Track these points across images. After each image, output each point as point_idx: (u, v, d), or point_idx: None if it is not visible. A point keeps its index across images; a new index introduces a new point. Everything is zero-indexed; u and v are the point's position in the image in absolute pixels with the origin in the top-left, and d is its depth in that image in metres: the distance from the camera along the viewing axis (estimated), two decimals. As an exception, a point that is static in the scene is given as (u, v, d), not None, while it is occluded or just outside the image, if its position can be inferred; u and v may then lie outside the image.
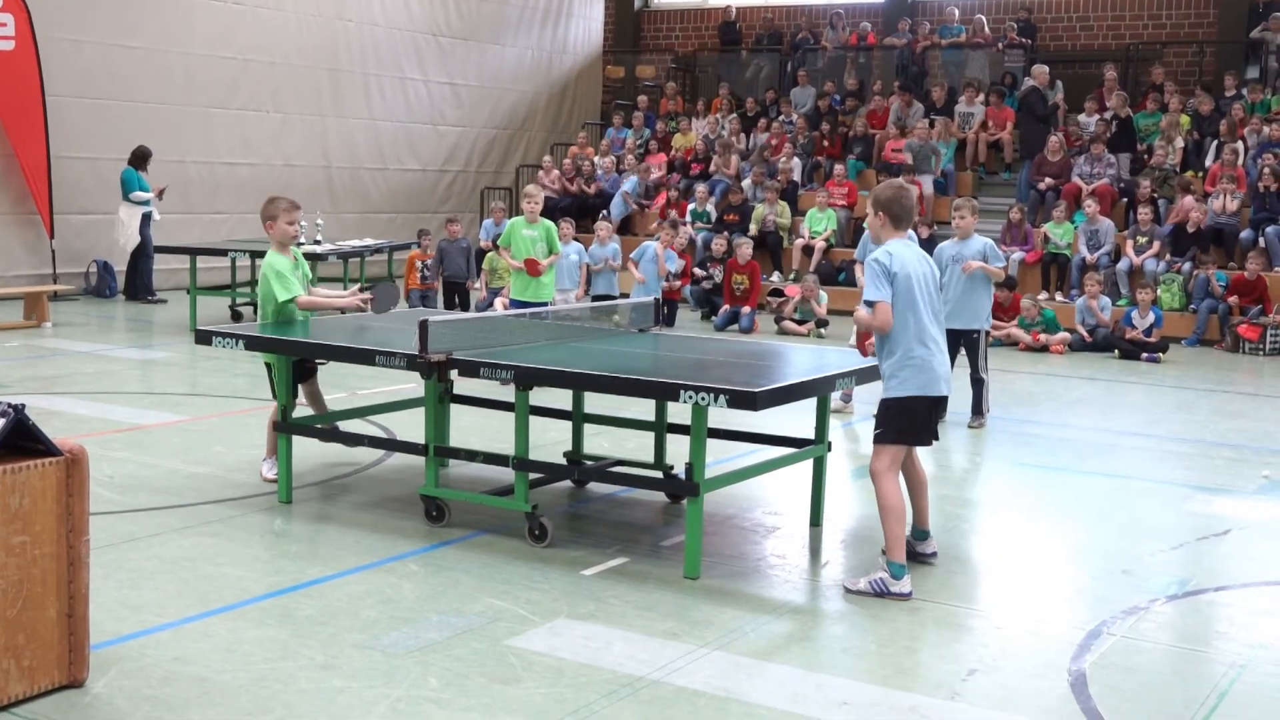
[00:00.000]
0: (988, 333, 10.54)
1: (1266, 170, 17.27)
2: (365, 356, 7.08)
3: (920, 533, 6.58)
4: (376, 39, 21.53)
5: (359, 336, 7.69)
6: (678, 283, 16.71)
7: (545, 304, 11.57)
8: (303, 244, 14.89)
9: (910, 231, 6.68)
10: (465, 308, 15.99)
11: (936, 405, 6.21)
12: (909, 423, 6.11)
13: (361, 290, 8.13)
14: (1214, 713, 4.80)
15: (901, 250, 6.11)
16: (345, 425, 8.17)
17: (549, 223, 11.89)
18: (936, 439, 6.35)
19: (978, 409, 10.35)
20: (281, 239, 7.80)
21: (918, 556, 6.50)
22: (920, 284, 6.07)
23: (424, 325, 6.60)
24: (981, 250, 10.27)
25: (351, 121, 21.23)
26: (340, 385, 10.30)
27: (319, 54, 20.51)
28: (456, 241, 16.54)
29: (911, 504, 6.43)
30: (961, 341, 10.06)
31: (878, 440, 6.15)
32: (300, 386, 7.72)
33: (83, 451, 4.63)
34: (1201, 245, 17.01)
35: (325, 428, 7.74)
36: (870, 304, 6.02)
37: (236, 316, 15.19)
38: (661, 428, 7.63)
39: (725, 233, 18.48)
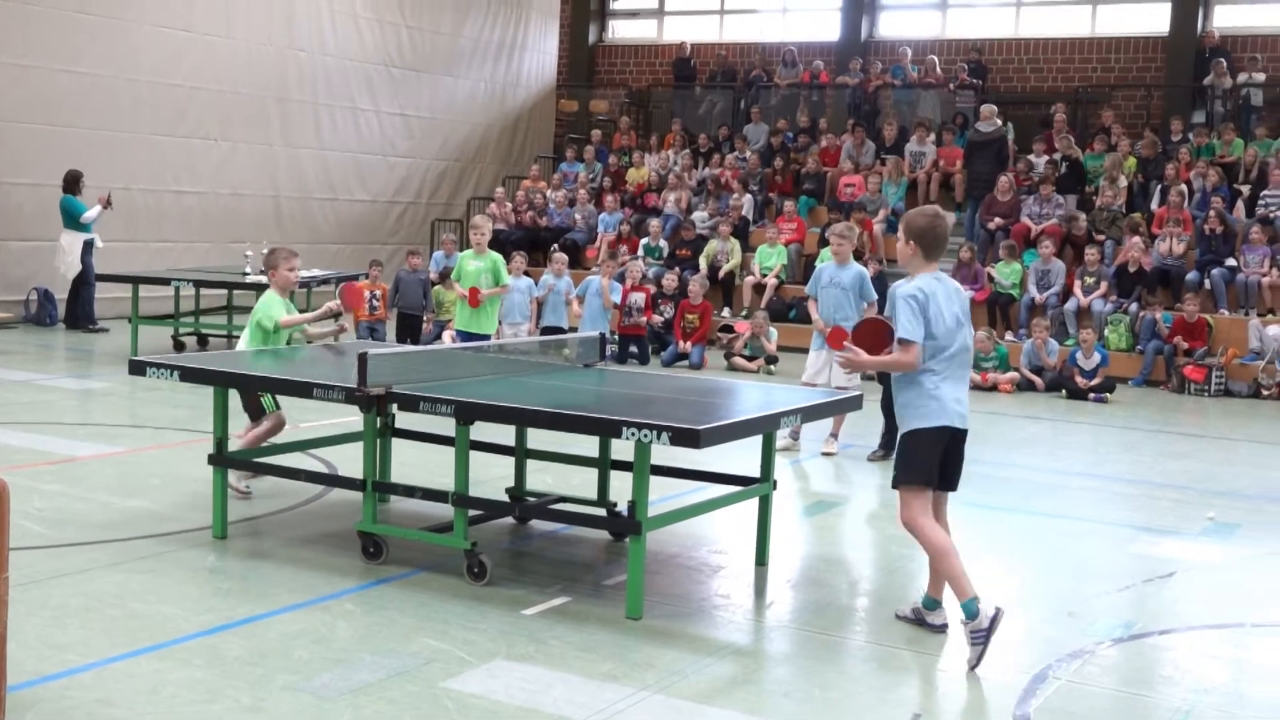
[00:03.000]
0: None
1: (1212, 213, 17.45)
2: (303, 389, 6.96)
3: (930, 601, 6.13)
4: (328, 68, 21.40)
5: (297, 369, 7.55)
6: (642, 318, 16.58)
7: (487, 336, 11.51)
8: (247, 274, 14.76)
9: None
10: (416, 340, 15.86)
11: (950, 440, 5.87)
12: (926, 460, 5.80)
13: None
14: (1159, 760, 4.74)
15: (933, 286, 5.90)
16: (283, 459, 8.02)
17: (496, 255, 11.89)
18: (951, 487, 6.03)
19: (889, 446, 10.20)
20: (283, 285, 8.42)
21: (926, 625, 6.10)
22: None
23: (363, 358, 6.48)
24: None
25: (301, 151, 21.06)
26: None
27: (268, 82, 20.34)
28: (415, 273, 16.41)
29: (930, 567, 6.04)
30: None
31: (895, 485, 5.91)
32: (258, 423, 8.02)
33: (3, 485, 4.47)
34: (1148, 286, 17.14)
35: (262, 461, 7.59)
36: (905, 341, 5.77)
37: (179, 347, 14.97)
38: (605, 464, 7.53)
39: (677, 268, 18.44)
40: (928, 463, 5.81)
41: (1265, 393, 15.42)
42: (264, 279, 14.15)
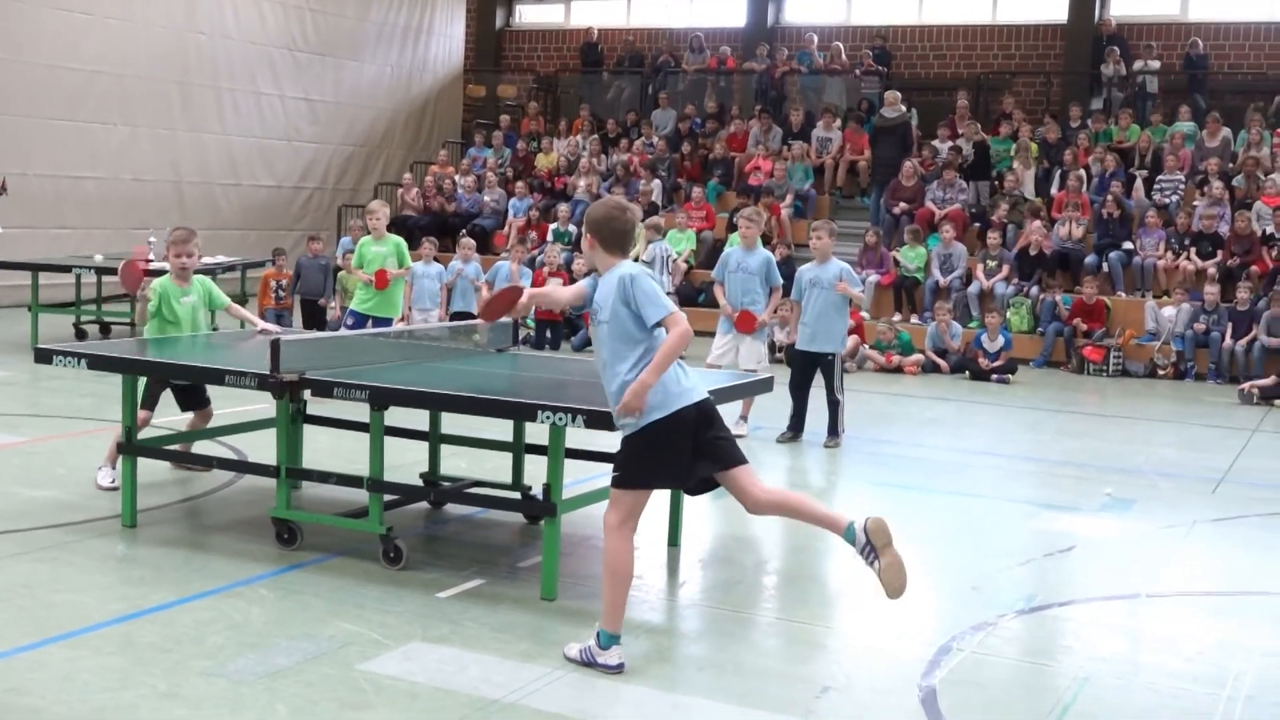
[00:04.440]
0: (842, 356, 10.72)
1: (1109, 198, 17.87)
2: (215, 376, 6.94)
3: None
4: (229, 51, 21.10)
5: (209, 356, 7.50)
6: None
7: (389, 320, 11.44)
8: (150, 261, 14.53)
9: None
10: (321, 327, 15.73)
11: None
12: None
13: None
14: (1059, 725, 4.91)
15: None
16: (195, 446, 7.96)
17: (397, 238, 11.86)
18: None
19: (833, 429, 10.49)
20: (174, 272, 8.32)
21: None
22: None
23: (275, 345, 6.46)
24: (839, 273, 10.46)
25: (204, 135, 20.76)
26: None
27: (169, 66, 20.01)
28: (317, 259, 16.27)
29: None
30: (818, 364, 10.34)
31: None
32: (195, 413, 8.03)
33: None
34: (1048, 270, 17.53)
35: (172, 449, 7.54)
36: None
37: (81, 335, 14.73)
38: (520, 448, 7.58)
39: (581, 257, 18.47)
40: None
41: (1161, 372, 15.85)
42: (166, 265, 14.05)
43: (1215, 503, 9.05)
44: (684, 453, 5.24)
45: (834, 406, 10.46)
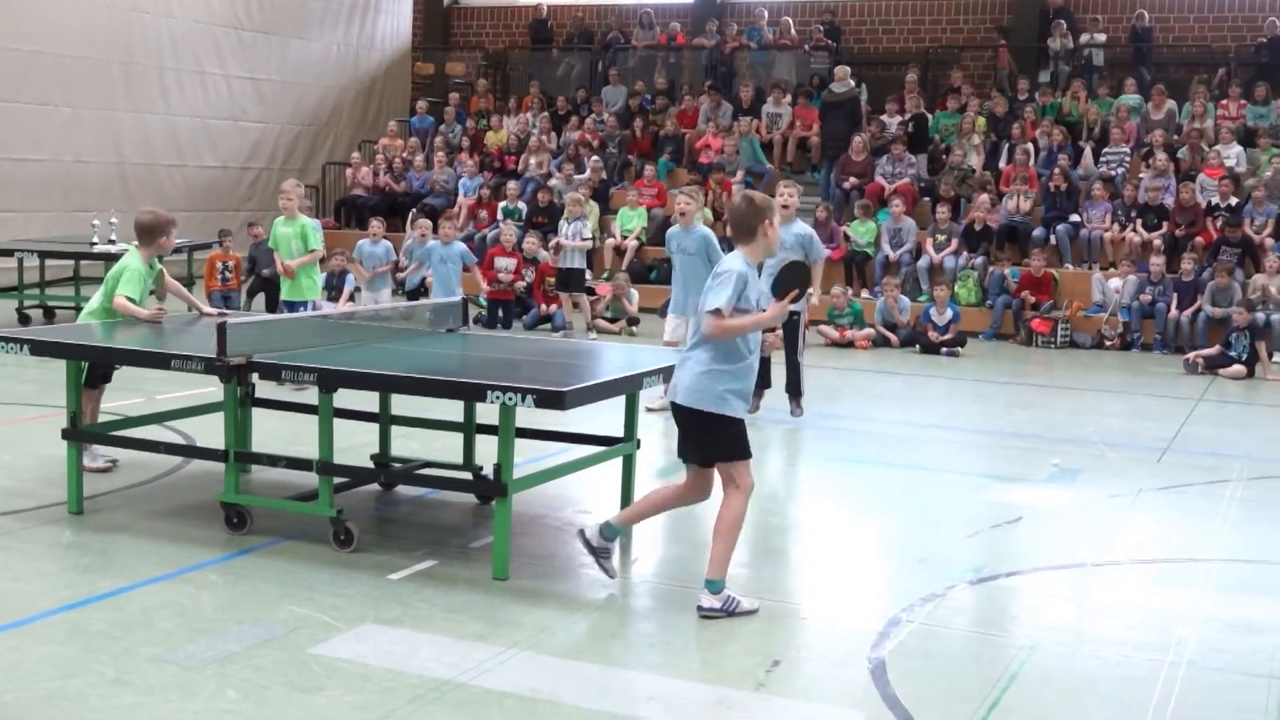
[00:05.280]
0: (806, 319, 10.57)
1: (1056, 171, 18.00)
2: (161, 360, 6.89)
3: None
4: (173, 31, 20.82)
5: (155, 340, 7.43)
6: (511, 282, 16.49)
7: (308, 304, 11.28)
8: (95, 244, 14.40)
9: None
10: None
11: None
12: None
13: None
14: (1005, 693, 4.97)
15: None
16: (141, 431, 7.89)
17: (306, 220, 11.53)
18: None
19: (795, 391, 10.40)
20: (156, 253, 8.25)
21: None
22: None
23: (222, 327, 6.41)
24: (800, 239, 10.03)
25: (147, 116, 20.49)
26: (137, 389, 9.96)
27: (111, 46, 19.71)
28: (262, 243, 16.13)
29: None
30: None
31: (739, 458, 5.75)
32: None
33: None
34: (996, 243, 17.65)
35: (119, 435, 7.47)
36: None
37: (24, 320, 14.55)
38: (470, 429, 7.57)
39: (539, 232, 18.36)
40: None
41: (1108, 343, 16.02)
42: (112, 248, 13.93)
43: (1160, 472, 9.17)
44: None
45: (794, 370, 10.41)
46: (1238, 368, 14.13)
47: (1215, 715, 4.92)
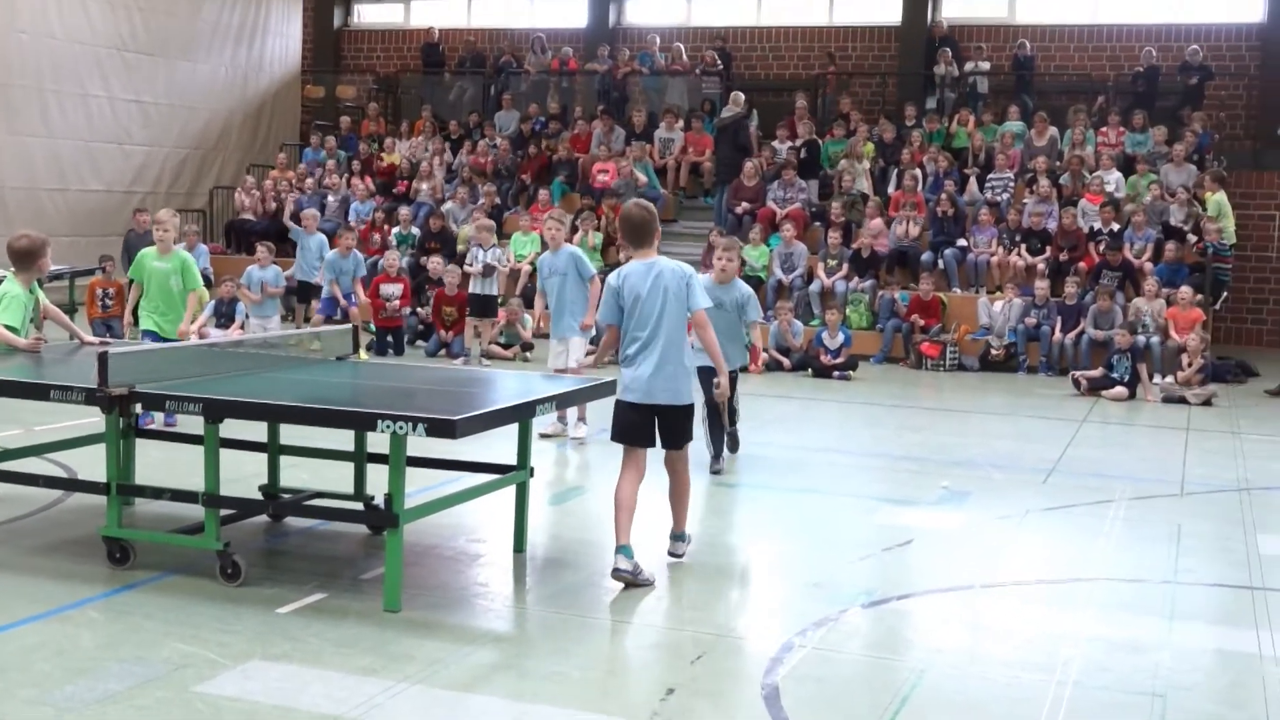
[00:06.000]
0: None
1: (943, 196, 18.34)
2: (39, 391, 6.70)
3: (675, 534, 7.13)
4: (55, 52, 20.38)
5: (34, 370, 7.24)
6: (398, 310, 16.35)
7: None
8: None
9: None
10: None
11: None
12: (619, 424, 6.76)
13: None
14: (897, 716, 5.01)
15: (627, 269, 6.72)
16: (20, 464, 7.67)
17: (185, 255, 10.27)
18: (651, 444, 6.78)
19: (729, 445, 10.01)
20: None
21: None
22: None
23: (103, 357, 6.26)
24: (739, 301, 9.55)
25: (27, 139, 20.02)
26: (14, 420, 9.68)
27: (-10, 67, 19.27)
28: (147, 233, 15.87)
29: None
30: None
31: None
32: None
33: None
34: (886, 267, 17.92)
35: (-4, 468, 7.25)
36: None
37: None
38: (361, 458, 7.46)
39: (435, 258, 18.19)
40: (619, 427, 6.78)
41: (994, 353, 16.32)
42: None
43: (1046, 492, 9.34)
44: None
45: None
46: (1120, 389, 14.48)
47: (1101, 734, 5.01)
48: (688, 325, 6.76)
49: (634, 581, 6.51)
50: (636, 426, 6.68)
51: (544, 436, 10.32)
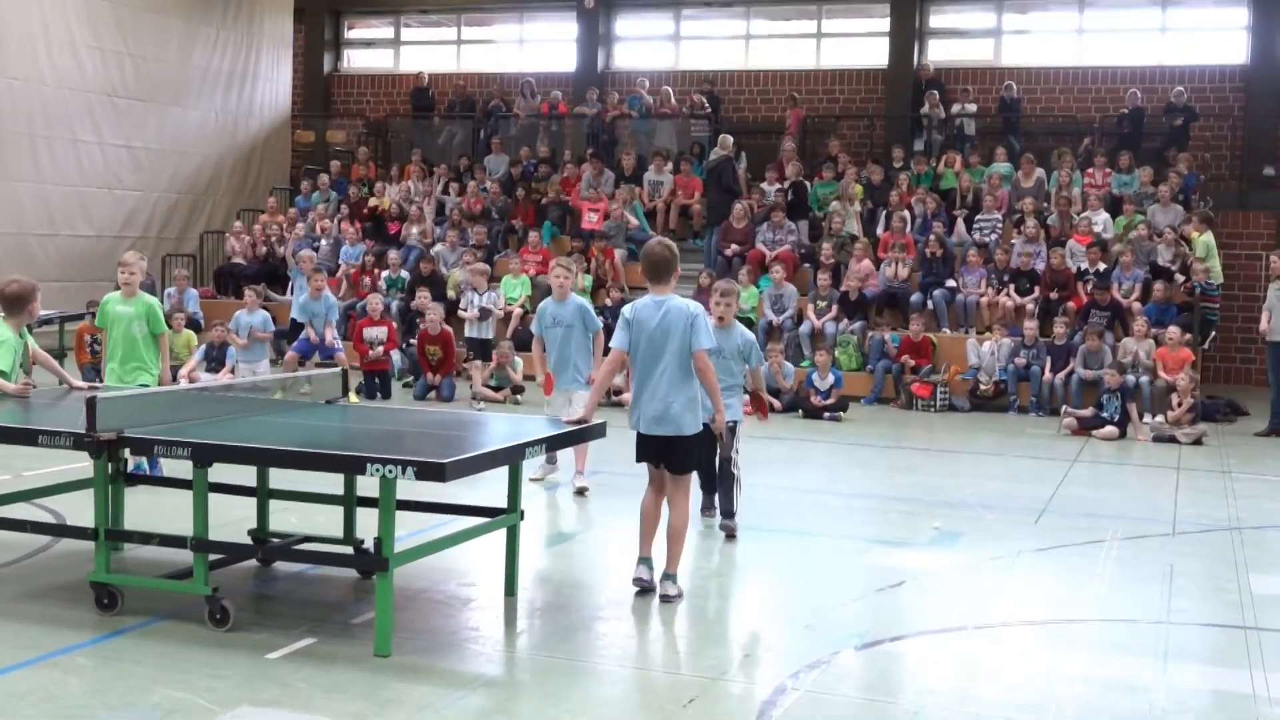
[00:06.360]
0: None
1: (932, 238, 18.42)
2: (27, 436, 6.67)
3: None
4: (45, 98, 20.43)
5: (22, 415, 7.21)
6: (380, 349, 16.33)
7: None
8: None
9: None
10: None
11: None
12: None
13: None
14: (892, 761, 4.98)
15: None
16: (8, 510, 7.62)
17: (151, 299, 9.70)
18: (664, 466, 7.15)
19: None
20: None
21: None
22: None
23: (91, 402, 6.24)
24: (742, 346, 9.17)
25: (17, 184, 20.03)
26: (3, 465, 9.64)
27: (-20, 113, 19.30)
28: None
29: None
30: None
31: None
32: None
33: None
34: (876, 308, 17.96)
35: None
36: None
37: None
38: (351, 502, 7.44)
39: (423, 292, 18.19)
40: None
41: (983, 387, 16.36)
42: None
43: (1038, 533, 9.33)
44: None
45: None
46: (1110, 429, 14.49)
47: (1096, 776, 4.98)
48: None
49: (649, 587, 7.06)
50: (648, 451, 7.18)
51: (533, 480, 10.25)
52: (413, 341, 17.17)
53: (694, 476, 7.52)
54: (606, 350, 7.96)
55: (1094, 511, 10.23)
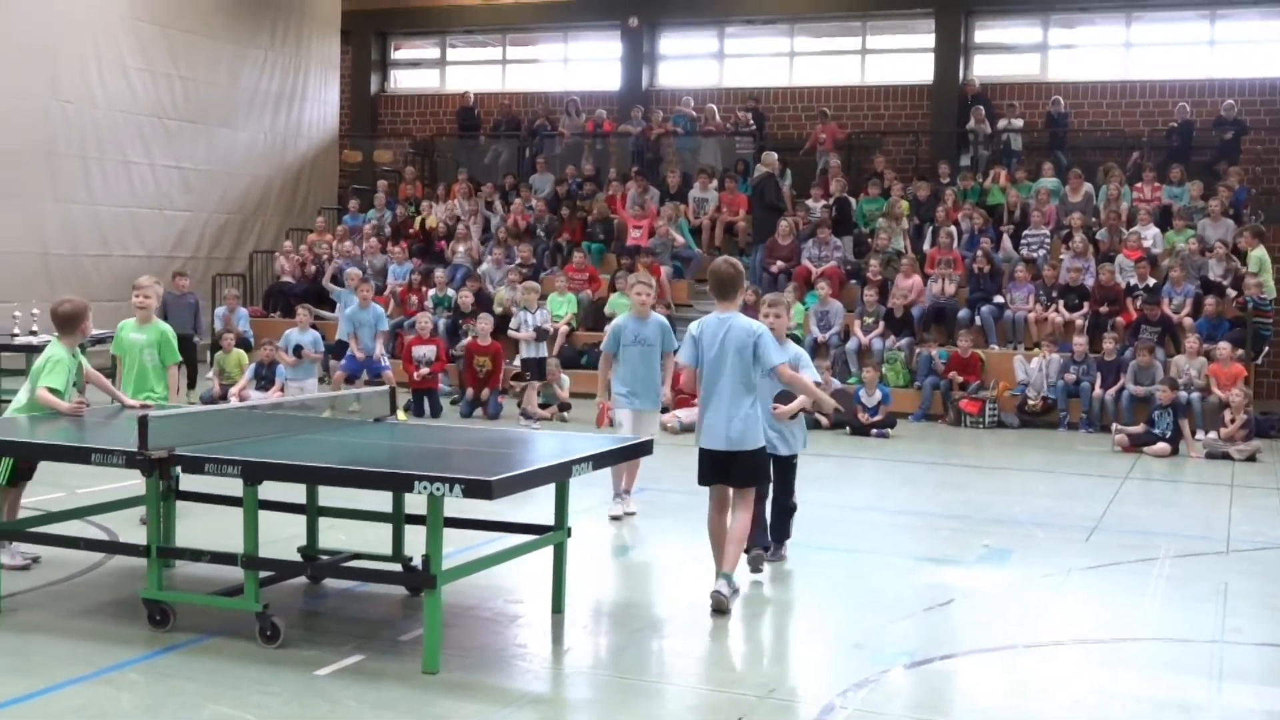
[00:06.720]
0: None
1: (979, 253, 18.32)
2: (81, 455, 6.76)
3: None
4: (97, 120, 20.68)
5: (75, 434, 7.30)
6: (426, 370, 16.39)
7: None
8: (16, 336, 14.18)
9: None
10: (191, 361, 15.53)
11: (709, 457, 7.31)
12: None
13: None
14: (942, 781, 4.94)
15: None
16: (61, 527, 7.72)
17: (164, 326, 9.34)
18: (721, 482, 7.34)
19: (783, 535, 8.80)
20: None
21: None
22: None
23: (144, 421, 6.31)
24: (793, 361, 8.20)
25: (71, 206, 20.29)
26: (58, 484, 9.74)
27: (34, 136, 19.52)
28: (183, 296, 16.25)
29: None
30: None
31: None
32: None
33: None
34: (924, 324, 17.87)
35: (40, 531, 7.31)
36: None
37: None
38: (399, 519, 7.47)
39: (472, 317, 18.29)
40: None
41: (1030, 403, 16.22)
42: (34, 340, 13.72)
43: (1089, 551, 9.24)
44: None
45: (787, 512, 8.78)
46: (1162, 446, 14.33)
47: (1150, 797, 4.91)
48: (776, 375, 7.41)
49: (722, 606, 7.07)
50: (710, 469, 7.31)
51: (614, 519, 9.99)
52: (456, 354, 17.26)
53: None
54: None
55: (1146, 529, 10.12)
